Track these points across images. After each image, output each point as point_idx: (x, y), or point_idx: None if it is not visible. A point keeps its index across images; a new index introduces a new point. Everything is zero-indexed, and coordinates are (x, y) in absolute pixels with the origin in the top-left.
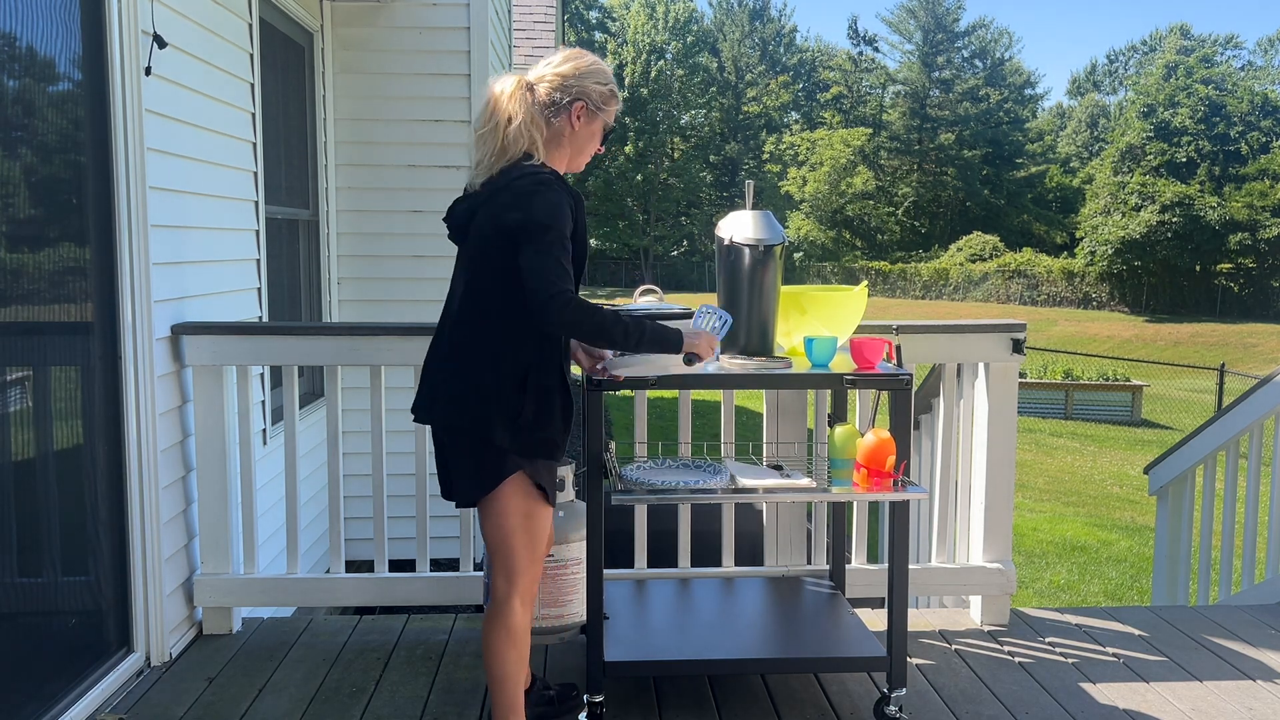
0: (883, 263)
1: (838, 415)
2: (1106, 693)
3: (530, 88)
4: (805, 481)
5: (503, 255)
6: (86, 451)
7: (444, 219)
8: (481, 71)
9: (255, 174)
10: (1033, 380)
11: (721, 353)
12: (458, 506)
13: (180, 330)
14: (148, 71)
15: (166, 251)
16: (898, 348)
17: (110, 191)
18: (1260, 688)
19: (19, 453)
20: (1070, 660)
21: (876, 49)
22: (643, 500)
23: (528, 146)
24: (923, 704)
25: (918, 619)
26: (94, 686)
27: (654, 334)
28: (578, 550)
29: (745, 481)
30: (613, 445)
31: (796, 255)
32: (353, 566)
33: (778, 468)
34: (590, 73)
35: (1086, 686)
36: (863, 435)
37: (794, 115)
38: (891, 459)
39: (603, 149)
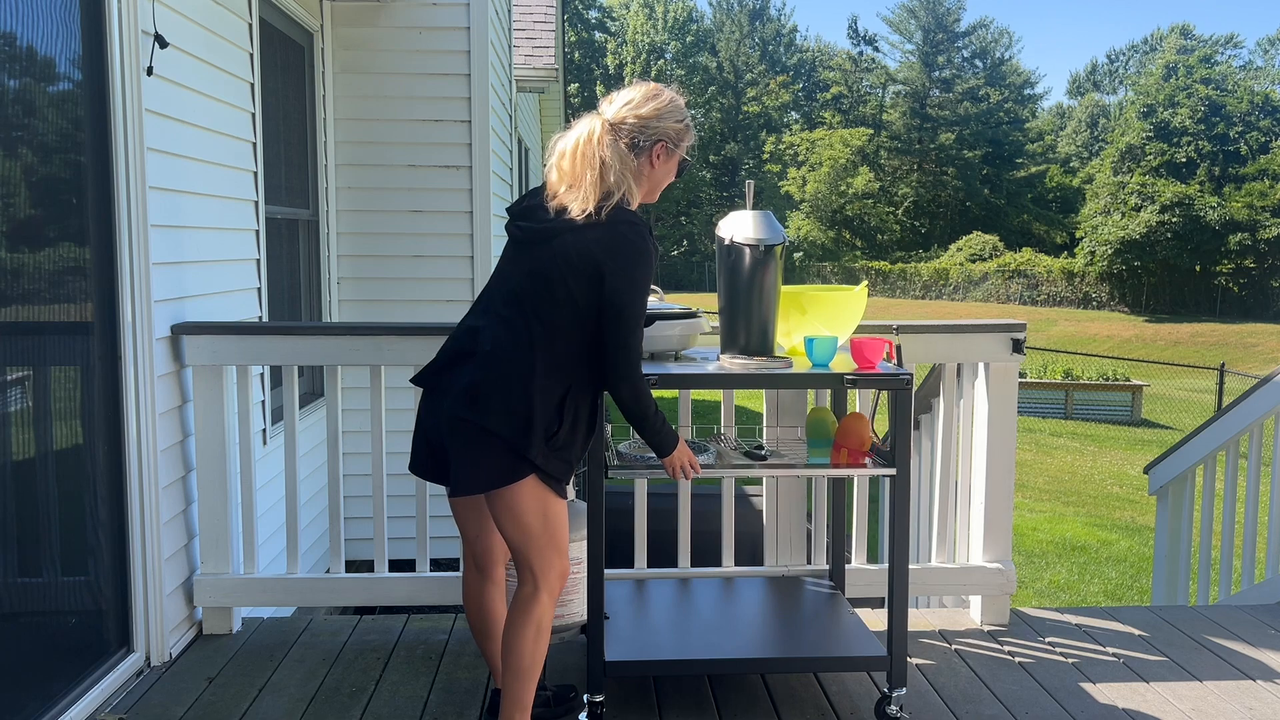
0: (883, 263)
1: (838, 414)
2: (1106, 693)
3: (614, 129)
4: (787, 460)
5: (580, 285)
6: (86, 451)
7: (514, 211)
8: (481, 72)
9: (255, 174)
10: (1033, 380)
11: (722, 353)
12: (454, 495)
13: (180, 330)
14: (149, 71)
15: (166, 251)
16: (898, 348)
17: (110, 191)
18: (1260, 688)
19: (19, 453)
20: (1070, 660)
21: (876, 49)
22: (640, 475)
23: (627, 190)
24: (923, 704)
25: (918, 619)
26: (94, 686)
27: (663, 435)
28: (578, 550)
29: (733, 460)
30: (609, 426)
31: (796, 255)
32: (353, 566)
33: (759, 448)
34: (669, 112)
35: (1086, 686)
36: None
37: (794, 115)
38: (868, 435)
39: (678, 179)
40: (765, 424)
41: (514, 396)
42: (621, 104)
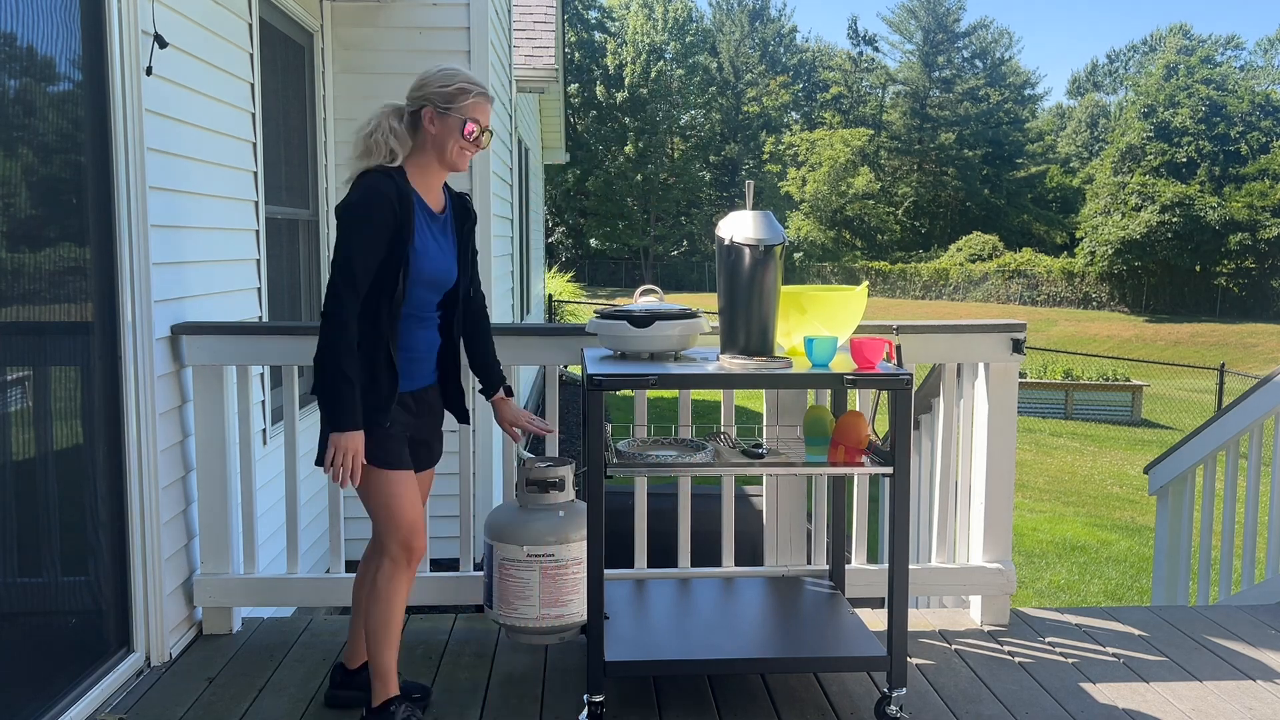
0: (883, 263)
1: (836, 415)
2: (1106, 693)
3: (397, 112)
4: (785, 458)
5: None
6: (86, 451)
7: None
8: (481, 71)
9: (255, 174)
10: (1033, 380)
11: (722, 353)
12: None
13: (180, 330)
14: (149, 71)
15: (166, 251)
16: (898, 348)
17: (110, 191)
18: (1260, 688)
19: (19, 453)
20: (1070, 660)
21: (876, 49)
22: (640, 472)
23: (381, 155)
24: (923, 704)
25: (918, 619)
26: (94, 686)
27: (331, 404)
28: (578, 550)
29: (731, 458)
30: (609, 426)
31: (796, 255)
32: (353, 567)
33: (757, 446)
34: (433, 78)
35: (1086, 686)
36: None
37: (794, 115)
38: (866, 433)
39: (480, 146)
40: (765, 424)
41: (317, 377)
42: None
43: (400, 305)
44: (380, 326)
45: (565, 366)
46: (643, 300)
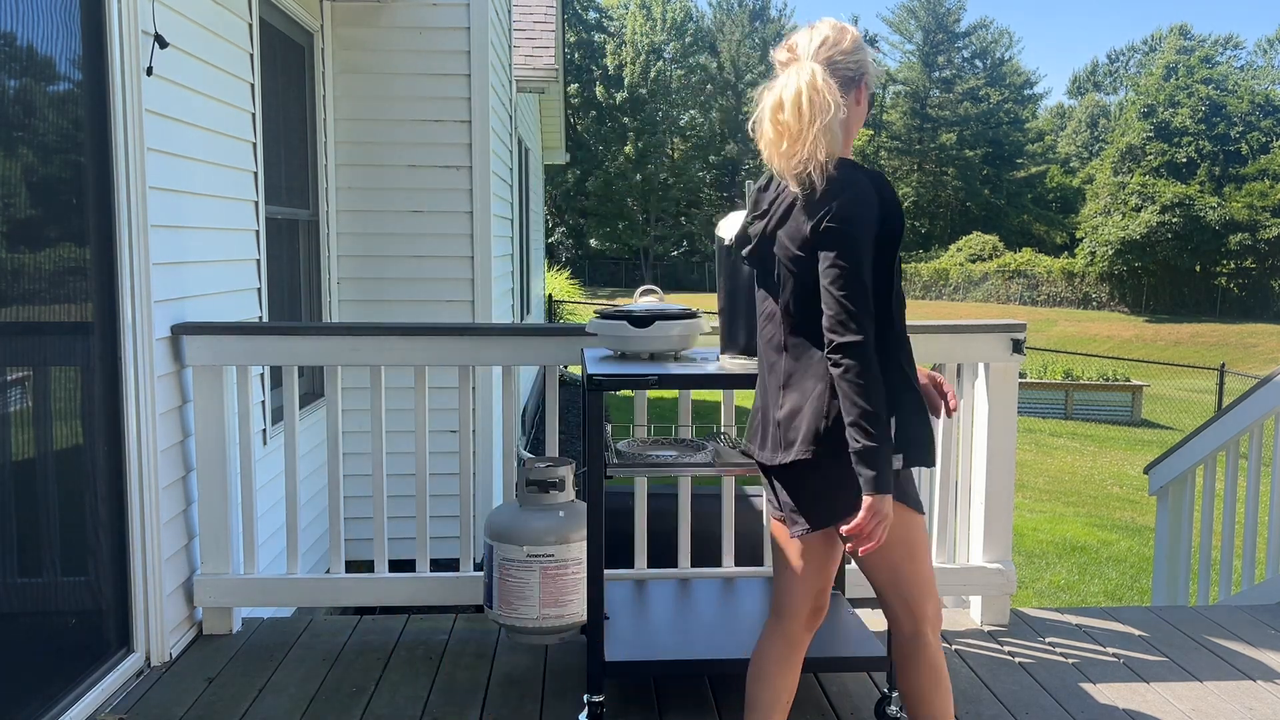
0: None
1: None
2: (1106, 693)
3: (829, 68)
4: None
5: (812, 269)
6: (86, 451)
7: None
8: (481, 72)
9: (255, 174)
10: (1033, 380)
11: (722, 353)
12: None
13: (180, 330)
14: (149, 72)
15: (166, 251)
16: None
17: (110, 191)
18: (1260, 688)
19: (19, 453)
20: (1070, 660)
21: (877, 49)
22: (640, 472)
23: (840, 143)
24: None
25: None
26: (94, 686)
27: (880, 455)
28: (578, 550)
29: (731, 458)
30: (609, 426)
31: None
32: (353, 566)
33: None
34: (861, 46)
35: (1086, 686)
36: None
37: None
38: None
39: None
40: None
41: (803, 413)
42: (818, 45)
43: (902, 308)
44: (887, 343)
45: (565, 366)
46: (643, 300)
